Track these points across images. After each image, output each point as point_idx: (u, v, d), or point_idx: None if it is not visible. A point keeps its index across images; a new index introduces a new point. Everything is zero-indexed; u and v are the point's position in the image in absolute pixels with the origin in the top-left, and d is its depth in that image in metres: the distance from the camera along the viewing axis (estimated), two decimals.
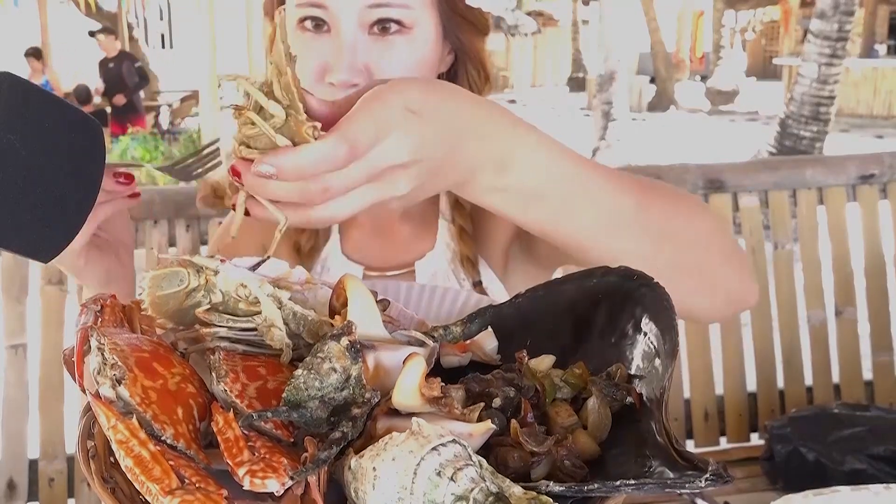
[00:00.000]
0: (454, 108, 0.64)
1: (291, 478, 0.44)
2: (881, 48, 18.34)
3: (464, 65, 1.02)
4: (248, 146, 0.59)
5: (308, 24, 0.90)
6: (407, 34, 0.90)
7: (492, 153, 0.65)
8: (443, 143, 0.62)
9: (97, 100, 9.87)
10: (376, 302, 0.61)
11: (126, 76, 9.64)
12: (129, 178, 0.79)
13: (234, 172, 0.59)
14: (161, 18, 19.20)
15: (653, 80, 16.42)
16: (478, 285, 1.02)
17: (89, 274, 0.86)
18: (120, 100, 9.55)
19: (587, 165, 0.71)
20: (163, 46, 19.12)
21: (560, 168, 0.68)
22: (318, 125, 0.57)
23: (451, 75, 1.03)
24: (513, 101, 18.75)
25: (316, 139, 0.56)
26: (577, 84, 19.83)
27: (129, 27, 12.49)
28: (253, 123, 0.58)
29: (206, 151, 0.85)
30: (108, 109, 9.69)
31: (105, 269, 0.86)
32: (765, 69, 21.51)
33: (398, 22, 0.89)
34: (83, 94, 9.93)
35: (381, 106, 0.59)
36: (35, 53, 10.13)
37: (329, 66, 0.88)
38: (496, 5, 1.79)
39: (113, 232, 0.89)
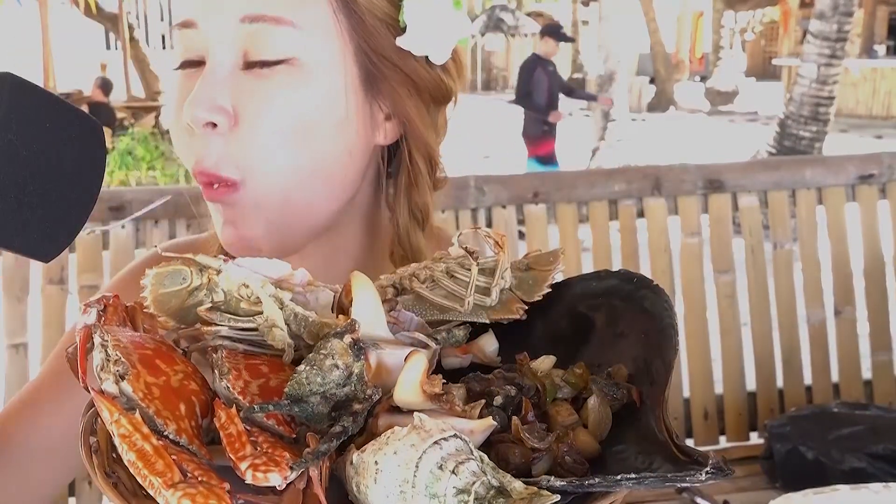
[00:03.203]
0: None
1: (292, 468, 0.44)
2: (880, 48, 18.35)
3: (406, 146, 0.76)
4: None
5: (185, 66, 0.73)
6: (292, 67, 0.68)
7: None
8: None
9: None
10: (383, 301, 0.61)
11: None
12: None
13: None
14: (162, 19, 19.18)
15: (652, 81, 16.44)
16: None
17: None
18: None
19: None
20: (163, 47, 19.08)
21: None
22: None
23: (391, 156, 0.79)
24: (513, 102, 18.72)
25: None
26: (576, 85, 19.82)
27: (130, 28, 12.47)
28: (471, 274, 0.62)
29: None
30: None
31: None
32: (764, 69, 21.53)
33: (281, 60, 0.68)
34: (107, 85, 10.08)
35: None
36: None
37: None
38: (439, 51, 0.68)
39: None
